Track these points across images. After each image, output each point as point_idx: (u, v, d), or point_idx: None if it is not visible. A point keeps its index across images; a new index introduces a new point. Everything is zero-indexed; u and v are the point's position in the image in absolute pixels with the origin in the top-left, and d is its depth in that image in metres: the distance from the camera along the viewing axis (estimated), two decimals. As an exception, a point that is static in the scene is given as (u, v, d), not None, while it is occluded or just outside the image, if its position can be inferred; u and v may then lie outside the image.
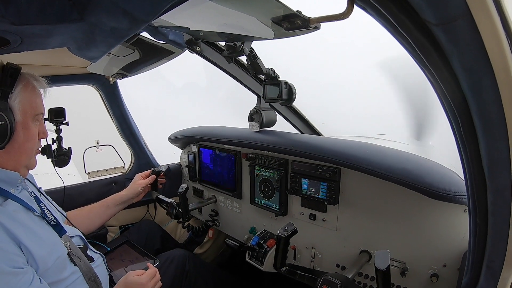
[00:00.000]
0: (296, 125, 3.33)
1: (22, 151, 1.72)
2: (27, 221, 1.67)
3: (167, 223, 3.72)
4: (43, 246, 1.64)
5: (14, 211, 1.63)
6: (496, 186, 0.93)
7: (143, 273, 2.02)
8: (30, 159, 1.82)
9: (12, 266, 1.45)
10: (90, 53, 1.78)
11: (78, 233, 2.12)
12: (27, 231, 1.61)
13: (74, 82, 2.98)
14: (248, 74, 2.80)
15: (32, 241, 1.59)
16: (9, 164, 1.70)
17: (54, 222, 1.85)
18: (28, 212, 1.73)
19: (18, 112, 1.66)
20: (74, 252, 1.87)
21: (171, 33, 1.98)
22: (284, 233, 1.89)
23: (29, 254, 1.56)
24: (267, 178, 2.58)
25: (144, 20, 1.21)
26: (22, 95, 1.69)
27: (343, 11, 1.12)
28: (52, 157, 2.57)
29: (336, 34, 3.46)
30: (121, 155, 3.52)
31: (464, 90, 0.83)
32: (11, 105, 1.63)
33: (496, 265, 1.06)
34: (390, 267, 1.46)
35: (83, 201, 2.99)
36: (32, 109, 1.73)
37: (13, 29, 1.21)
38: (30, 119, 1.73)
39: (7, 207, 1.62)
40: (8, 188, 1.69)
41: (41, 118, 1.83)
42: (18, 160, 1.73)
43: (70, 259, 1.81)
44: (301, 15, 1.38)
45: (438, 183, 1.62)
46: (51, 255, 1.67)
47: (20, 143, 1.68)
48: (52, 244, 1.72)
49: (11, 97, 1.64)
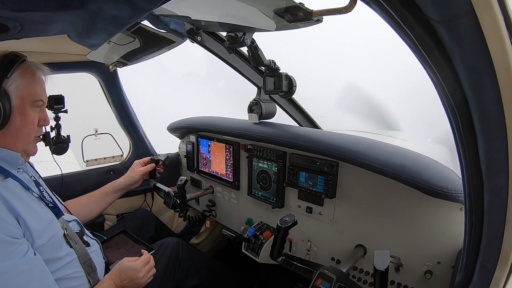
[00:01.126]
0: (296, 117, 3.33)
1: (19, 135, 1.74)
2: (25, 198, 1.71)
3: (164, 213, 3.74)
4: (40, 221, 1.67)
5: (13, 188, 1.67)
6: (493, 186, 0.93)
7: (137, 260, 2.04)
8: (28, 144, 1.83)
9: (8, 235, 1.47)
10: (90, 40, 1.77)
11: (75, 218, 2.14)
12: (25, 205, 1.65)
13: (74, 69, 2.97)
14: (248, 65, 2.79)
15: (29, 215, 1.62)
16: (7, 146, 1.72)
17: (52, 204, 1.88)
18: (27, 192, 1.76)
19: (15, 97, 1.68)
20: (71, 235, 1.89)
21: (172, 22, 1.97)
22: (284, 223, 1.89)
23: (26, 227, 1.58)
24: (265, 170, 2.58)
25: (146, 9, 1.20)
26: (19, 81, 1.71)
27: (346, 5, 1.12)
28: (51, 145, 2.57)
29: (339, 28, 3.45)
30: (120, 144, 3.51)
31: (465, 89, 0.82)
32: (6, 89, 1.66)
33: (490, 264, 1.07)
34: (388, 267, 1.47)
35: (80, 189, 2.99)
36: (30, 95, 1.74)
37: (13, 16, 1.20)
38: (28, 105, 1.74)
39: (7, 183, 1.66)
40: (9, 168, 1.72)
41: (41, 105, 1.84)
42: (15, 144, 1.74)
43: (66, 241, 1.83)
44: (304, 8, 1.37)
45: (435, 181, 1.63)
46: (47, 231, 1.70)
47: (16, 127, 1.70)
48: (48, 221, 1.74)
49: (7, 82, 1.66)
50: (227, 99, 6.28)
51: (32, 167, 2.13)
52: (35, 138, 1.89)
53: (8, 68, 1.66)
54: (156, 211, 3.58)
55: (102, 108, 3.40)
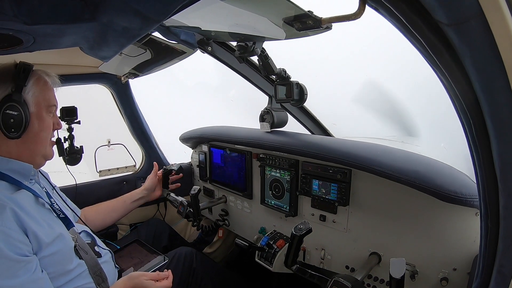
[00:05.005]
0: (307, 125, 3.32)
1: (38, 141, 1.83)
2: (36, 209, 1.75)
3: (177, 222, 3.75)
4: (49, 234, 1.69)
5: (24, 200, 1.70)
6: (509, 190, 0.91)
7: (150, 277, 2.01)
8: (45, 148, 1.91)
9: (16, 253, 1.49)
10: (102, 52, 1.81)
11: (86, 229, 2.17)
12: (36, 218, 1.67)
13: (86, 81, 3.03)
14: (259, 74, 2.80)
15: (39, 228, 1.64)
16: (25, 153, 1.81)
17: (63, 215, 1.92)
18: (38, 203, 1.81)
19: (32, 104, 1.79)
20: (81, 245, 1.92)
21: (182, 33, 2.00)
22: (299, 231, 1.88)
23: (35, 240, 1.60)
24: (278, 178, 2.57)
25: (156, 20, 1.22)
26: (35, 88, 1.82)
27: (355, 11, 1.12)
28: (64, 155, 2.62)
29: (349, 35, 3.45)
30: (132, 154, 3.54)
31: (477, 92, 0.81)
32: (25, 97, 1.75)
33: (507, 270, 1.04)
34: (404, 275, 1.45)
35: (94, 199, 3.02)
36: (45, 101, 1.85)
37: (25, 29, 1.24)
38: (44, 110, 1.85)
39: (19, 195, 1.69)
40: (22, 180, 1.78)
41: (54, 110, 1.95)
42: (34, 149, 1.83)
43: (76, 252, 1.85)
44: (313, 15, 1.38)
45: (450, 186, 1.61)
46: (57, 243, 1.72)
47: (35, 132, 1.80)
48: (58, 234, 1.75)
49: (25, 90, 1.76)
50: (238, 109, 6.29)
51: (46, 178, 2.19)
52: (51, 142, 1.97)
53: (24, 77, 1.75)
54: (169, 220, 3.59)
55: (114, 119, 3.44)
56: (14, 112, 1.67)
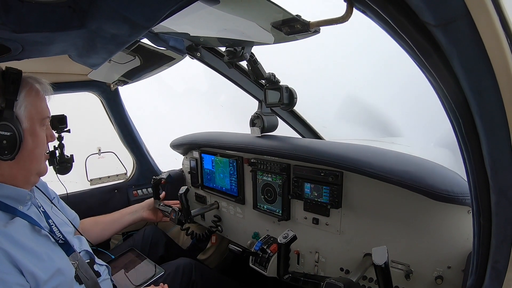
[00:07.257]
0: (298, 129, 3.33)
1: (32, 158, 1.69)
2: (33, 240, 1.63)
3: (171, 229, 3.73)
4: (48, 268, 1.59)
5: (19, 232, 1.58)
6: (499, 186, 0.92)
7: None
8: (40, 165, 1.77)
9: None
10: (91, 60, 1.79)
11: (85, 248, 2.10)
12: (32, 251, 1.56)
13: (75, 89, 3.01)
14: (248, 79, 2.81)
15: (35, 265, 1.53)
16: (20, 174, 1.67)
17: (62, 240, 1.80)
18: (34, 231, 1.68)
19: (25, 119, 1.63)
20: (82, 270, 1.84)
21: (171, 39, 1.99)
22: (283, 240, 1.88)
23: (33, 280, 1.50)
24: (270, 183, 2.57)
25: (145, 27, 1.21)
26: (27, 101, 1.64)
27: (343, 15, 1.12)
28: (54, 165, 2.58)
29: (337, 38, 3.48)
30: (123, 162, 3.52)
31: (465, 91, 0.82)
32: (17, 113, 1.59)
33: (500, 266, 1.06)
34: (388, 262, 1.46)
35: (85, 208, 2.99)
36: (38, 114, 1.70)
37: (14, 37, 1.21)
38: (38, 124, 1.70)
39: (12, 226, 1.57)
40: (16, 205, 1.66)
41: (47, 122, 1.79)
42: (28, 168, 1.69)
43: (77, 278, 1.78)
44: (301, 19, 1.39)
45: (441, 185, 1.62)
46: (57, 278, 1.62)
47: (29, 150, 1.65)
48: (57, 268, 1.65)
49: (16, 105, 1.59)
50: (228, 114, 6.31)
51: (42, 191, 2.09)
52: (45, 156, 1.83)
53: (14, 89, 1.58)
54: (163, 227, 3.57)
55: (104, 127, 3.42)
56: (6, 132, 1.50)
